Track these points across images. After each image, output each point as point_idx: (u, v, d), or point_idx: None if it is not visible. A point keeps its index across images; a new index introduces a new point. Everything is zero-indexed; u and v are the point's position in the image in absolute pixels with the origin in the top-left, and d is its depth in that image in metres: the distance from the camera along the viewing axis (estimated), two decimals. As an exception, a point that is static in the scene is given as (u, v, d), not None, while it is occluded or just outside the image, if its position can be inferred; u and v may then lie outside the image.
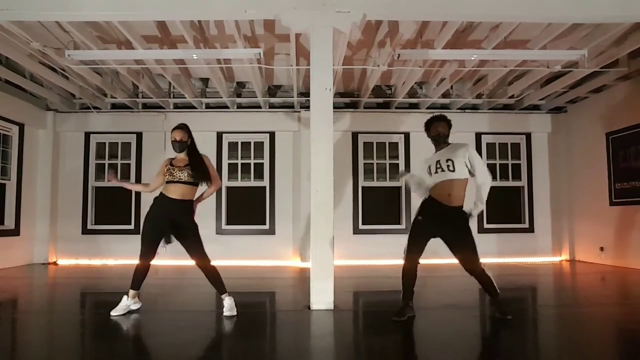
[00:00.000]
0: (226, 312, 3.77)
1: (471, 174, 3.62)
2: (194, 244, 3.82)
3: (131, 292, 3.83)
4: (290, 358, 2.85)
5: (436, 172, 3.63)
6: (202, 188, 3.97)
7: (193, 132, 3.93)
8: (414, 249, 3.65)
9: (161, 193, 3.82)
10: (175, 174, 3.78)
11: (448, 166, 3.58)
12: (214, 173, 3.94)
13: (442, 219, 3.59)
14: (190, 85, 7.65)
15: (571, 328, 3.60)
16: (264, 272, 6.87)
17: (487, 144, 8.51)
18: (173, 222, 3.76)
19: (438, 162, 3.64)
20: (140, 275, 3.81)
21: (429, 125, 3.82)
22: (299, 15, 4.27)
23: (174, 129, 3.88)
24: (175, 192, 3.77)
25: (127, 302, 3.82)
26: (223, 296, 3.86)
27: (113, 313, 3.73)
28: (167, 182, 3.80)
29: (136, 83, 7.13)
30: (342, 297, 4.46)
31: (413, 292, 3.69)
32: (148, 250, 3.76)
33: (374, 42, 6.08)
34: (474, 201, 3.62)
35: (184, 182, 3.78)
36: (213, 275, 3.87)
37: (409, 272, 3.66)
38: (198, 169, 3.82)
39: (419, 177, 3.88)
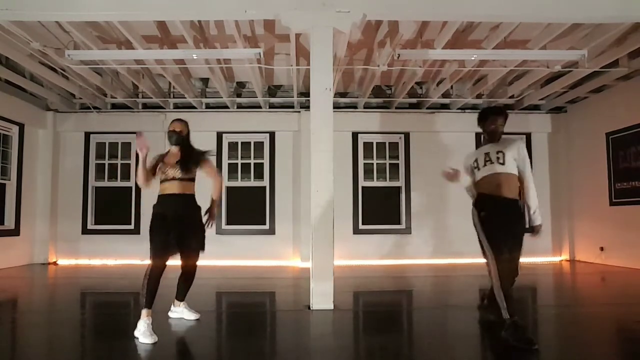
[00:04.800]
0: (191, 317, 3.76)
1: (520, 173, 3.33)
2: (197, 245, 3.68)
3: (144, 311, 3.22)
4: (290, 358, 2.85)
5: (485, 165, 3.32)
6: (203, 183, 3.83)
7: (193, 132, 3.89)
8: (500, 246, 3.19)
9: (159, 195, 3.63)
10: (168, 172, 3.60)
11: (498, 158, 3.27)
12: (212, 170, 3.83)
13: (499, 211, 3.26)
14: (190, 85, 7.65)
15: (571, 328, 3.60)
16: (264, 272, 6.87)
17: (487, 144, 8.51)
18: (178, 217, 3.53)
19: (487, 154, 3.34)
20: (154, 287, 3.29)
21: (485, 117, 3.39)
22: (299, 15, 4.28)
23: (175, 120, 3.78)
24: (172, 188, 3.59)
25: (146, 324, 3.18)
26: (184, 303, 3.83)
27: (143, 341, 3.08)
28: (162, 182, 3.62)
29: (136, 83, 7.13)
30: (342, 297, 4.46)
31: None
32: (161, 254, 3.38)
33: (374, 42, 6.08)
34: (529, 211, 3.43)
35: (179, 179, 3.59)
36: (191, 280, 3.80)
37: (505, 273, 3.15)
38: (187, 162, 3.65)
39: (469, 185, 3.57)
